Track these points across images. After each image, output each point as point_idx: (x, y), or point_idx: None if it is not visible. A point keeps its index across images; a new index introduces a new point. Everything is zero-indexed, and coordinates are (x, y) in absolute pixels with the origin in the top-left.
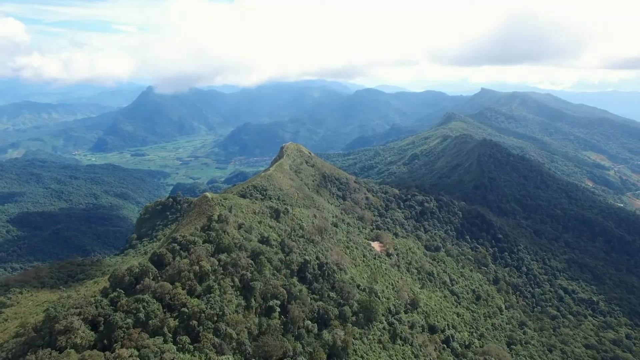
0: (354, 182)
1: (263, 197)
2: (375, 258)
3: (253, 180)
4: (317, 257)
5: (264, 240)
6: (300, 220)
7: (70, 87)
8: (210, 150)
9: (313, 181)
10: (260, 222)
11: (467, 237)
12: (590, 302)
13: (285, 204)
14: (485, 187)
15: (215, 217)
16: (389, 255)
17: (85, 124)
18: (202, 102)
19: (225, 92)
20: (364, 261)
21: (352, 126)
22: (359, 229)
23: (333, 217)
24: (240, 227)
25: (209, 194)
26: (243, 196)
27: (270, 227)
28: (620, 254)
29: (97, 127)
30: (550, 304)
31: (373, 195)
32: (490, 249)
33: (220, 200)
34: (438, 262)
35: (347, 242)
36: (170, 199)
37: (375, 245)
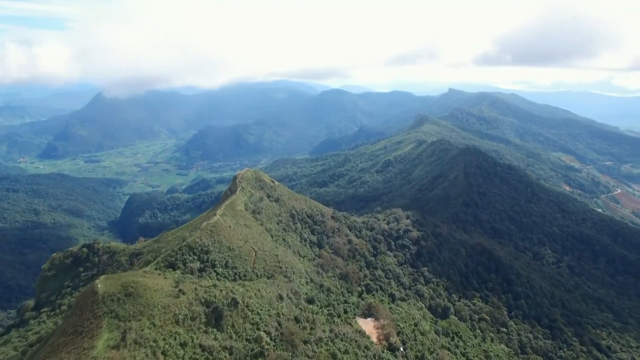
0: (332, 217)
1: (202, 267)
2: None
3: (191, 235)
4: None
5: None
6: (259, 314)
7: (17, 88)
8: (171, 155)
9: (278, 223)
10: (184, 346)
11: (474, 281)
12: None
13: (235, 275)
14: (476, 204)
15: None
16: (392, 349)
17: (33, 128)
18: (162, 105)
19: (186, 94)
20: None
21: (319, 127)
22: (343, 296)
23: (307, 282)
24: None
25: (100, 287)
26: (171, 266)
27: (203, 351)
28: (625, 276)
29: (47, 131)
30: None
31: (356, 236)
32: (502, 296)
33: (119, 299)
34: (453, 338)
35: (331, 341)
36: (85, 250)
37: (369, 327)
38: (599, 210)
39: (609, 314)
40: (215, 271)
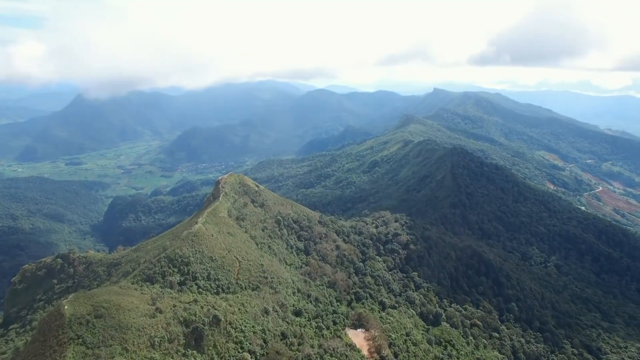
0: (319, 222)
1: (182, 280)
2: None
3: (171, 244)
4: None
5: None
6: (242, 331)
7: None
8: (155, 157)
9: (263, 230)
10: None
11: (465, 285)
12: None
13: (218, 287)
14: (464, 205)
15: None
16: None
17: (10, 130)
18: (145, 106)
19: (171, 95)
20: None
21: (305, 128)
22: (332, 305)
23: (294, 293)
24: None
25: (67, 308)
26: (149, 279)
27: None
28: (610, 274)
29: (25, 133)
30: None
31: (345, 241)
32: (493, 299)
33: (88, 322)
34: (445, 347)
35: (321, 358)
36: (59, 260)
37: (360, 339)
38: (583, 208)
39: (597, 314)
40: (196, 284)
